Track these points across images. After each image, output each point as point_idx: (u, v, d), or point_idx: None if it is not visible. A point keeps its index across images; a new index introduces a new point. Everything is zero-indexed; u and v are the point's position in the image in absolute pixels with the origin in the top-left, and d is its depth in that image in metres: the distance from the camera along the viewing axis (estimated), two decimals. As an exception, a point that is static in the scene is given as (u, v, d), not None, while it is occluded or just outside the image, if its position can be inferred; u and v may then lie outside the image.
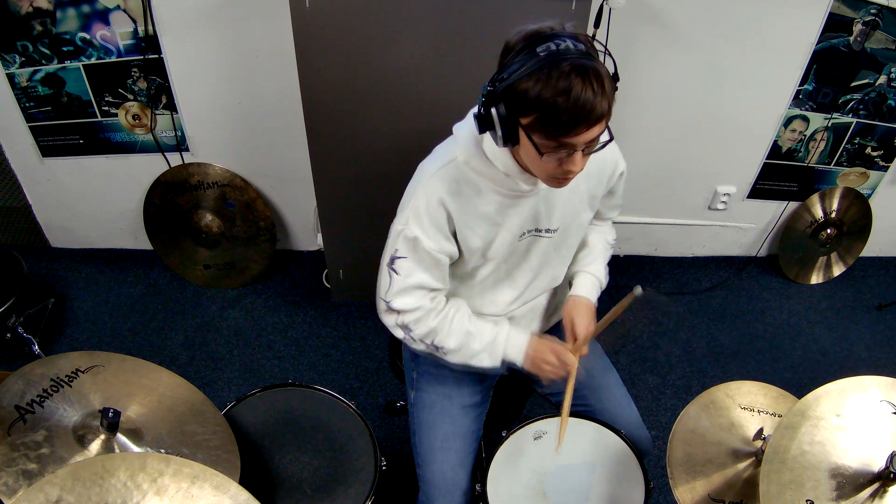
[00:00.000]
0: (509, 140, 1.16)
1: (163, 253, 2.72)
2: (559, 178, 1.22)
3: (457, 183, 1.30)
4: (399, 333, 1.43)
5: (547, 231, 1.41)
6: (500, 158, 1.27)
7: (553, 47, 1.07)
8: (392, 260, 1.36)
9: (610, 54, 1.15)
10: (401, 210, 1.36)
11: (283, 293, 2.75)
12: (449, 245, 1.35)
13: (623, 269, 2.98)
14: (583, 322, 1.48)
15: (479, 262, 1.41)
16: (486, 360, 1.42)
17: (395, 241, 1.35)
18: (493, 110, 1.14)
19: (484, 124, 1.17)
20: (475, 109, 1.21)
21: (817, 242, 2.96)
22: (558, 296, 1.65)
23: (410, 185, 1.36)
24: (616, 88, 1.13)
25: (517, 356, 1.43)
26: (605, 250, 1.63)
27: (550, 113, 1.08)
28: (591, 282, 1.56)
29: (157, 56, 2.25)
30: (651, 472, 1.45)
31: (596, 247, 1.61)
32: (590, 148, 1.16)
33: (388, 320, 1.42)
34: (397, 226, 1.35)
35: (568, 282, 1.62)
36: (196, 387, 1.46)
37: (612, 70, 1.13)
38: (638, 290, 1.25)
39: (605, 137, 1.17)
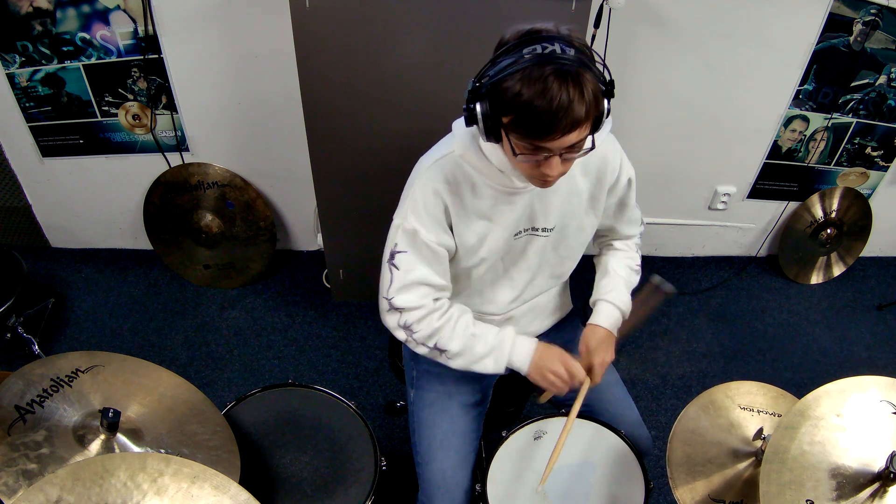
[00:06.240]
0: (492, 136, 1.16)
1: (163, 253, 2.72)
2: (539, 180, 1.22)
3: (453, 176, 1.30)
4: (401, 335, 1.40)
5: (543, 230, 1.40)
6: (495, 154, 1.26)
7: (539, 50, 1.07)
8: (392, 255, 1.35)
9: (605, 65, 1.14)
10: (400, 204, 1.36)
11: (283, 293, 2.75)
12: (447, 237, 1.34)
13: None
14: (599, 352, 1.45)
15: (474, 260, 1.40)
16: (490, 364, 1.39)
17: (395, 236, 1.34)
18: (477, 106, 1.13)
19: (469, 118, 1.17)
20: None
21: (817, 242, 2.96)
22: (560, 295, 1.65)
23: (409, 179, 1.36)
24: (612, 96, 1.12)
25: (522, 363, 1.40)
26: (627, 277, 1.57)
27: (526, 115, 1.08)
28: (610, 311, 1.52)
29: (157, 56, 2.25)
30: (651, 472, 1.45)
31: (617, 273, 1.56)
32: (569, 154, 1.15)
33: (391, 321, 1.40)
34: (396, 220, 1.35)
35: (569, 282, 1.62)
36: (196, 387, 1.46)
37: (608, 78, 1.12)
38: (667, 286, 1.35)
39: (588, 145, 1.15)
